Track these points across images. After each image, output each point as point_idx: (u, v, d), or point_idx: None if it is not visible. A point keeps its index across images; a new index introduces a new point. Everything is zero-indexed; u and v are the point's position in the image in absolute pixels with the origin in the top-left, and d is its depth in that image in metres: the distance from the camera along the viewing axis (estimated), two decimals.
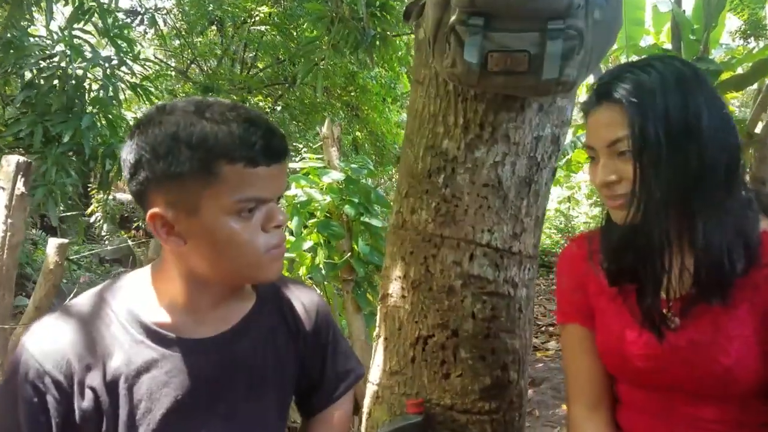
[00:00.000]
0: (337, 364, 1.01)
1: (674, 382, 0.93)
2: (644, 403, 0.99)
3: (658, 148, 0.87)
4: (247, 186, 0.78)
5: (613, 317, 1.00)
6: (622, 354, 0.98)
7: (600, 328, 1.02)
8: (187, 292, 0.84)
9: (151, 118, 0.79)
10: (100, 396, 0.79)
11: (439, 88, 1.37)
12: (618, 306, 0.99)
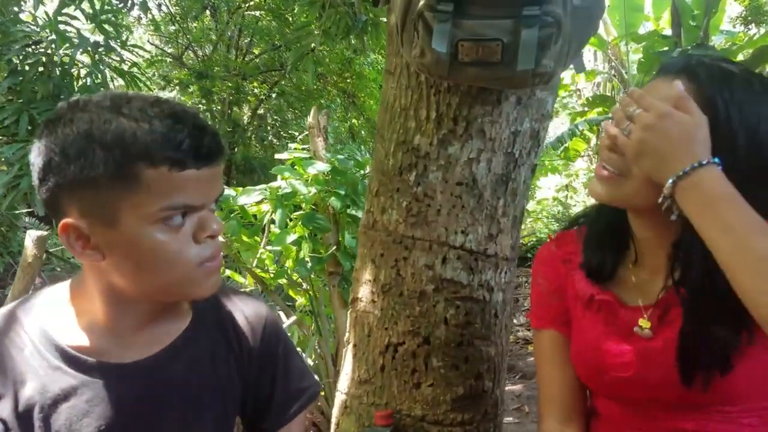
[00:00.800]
0: (289, 383, 0.93)
1: (653, 393, 0.86)
2: (622, 416, 0.93)
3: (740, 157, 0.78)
4: (173, 192, 0.69)
5: (588, 325, 0.93)
6: (598, 365, 0.91)
7: (575, 336, 0.96)
8: (109, 312, 0.76)
9: (62, 115, 0.71)
10: (11, 428, 0.71)
11: (410, 80, 1.29)
12: (593, 314, 0.92)
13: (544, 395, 1.00)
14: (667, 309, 0.87)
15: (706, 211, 0.75)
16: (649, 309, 0.88)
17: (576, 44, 1.13)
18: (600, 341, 0.91)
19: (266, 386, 0.91)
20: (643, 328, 0.88)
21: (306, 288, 3.21)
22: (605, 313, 0.91)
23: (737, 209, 0.74)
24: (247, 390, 0.88)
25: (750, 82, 0.81)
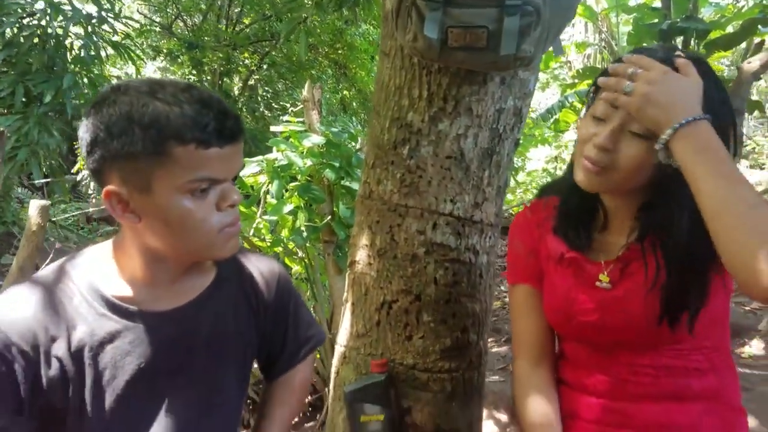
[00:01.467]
0: (299, 331, 1.07)
1: (613, 336, 1.00)
2: (588, 357, 1.07)
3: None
4: (199, 167, 0.81)
5: (559, 279, 1.07)
6: (567, 312, 1.05)
7: (547, 289, 1.09)
8: (146, 267, 0.88)
9: (107, 97, 0.82)
10: (66, 365, 0.84)
11: (404, 61, 1.40)
12: (564, 269, 1.06)
13: (518, 341, 1.14)
14: (628, 263, 1.00)
15: (702, 158, 0.84)
16: (609, 265, 1.02)
17: (554, 30, 1.24)
18: (569, 292, 1.05)
19: (279, 334, 1.04)
20: (603, 282, 1.02)
21: (302, 256, 3.31)
22: (573, 268, 1.05)
23: (729, 161, 0.84)
24: (263, 338, 1.02)
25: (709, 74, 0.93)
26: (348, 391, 1.44)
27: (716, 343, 1.03)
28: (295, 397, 1.10)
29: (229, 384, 0.97)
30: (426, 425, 1.45)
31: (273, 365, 1.07)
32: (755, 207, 0.81)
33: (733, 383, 1.08)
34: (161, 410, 0.89)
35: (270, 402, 1.07)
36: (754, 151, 16.70)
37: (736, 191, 0.82)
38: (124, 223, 0.87)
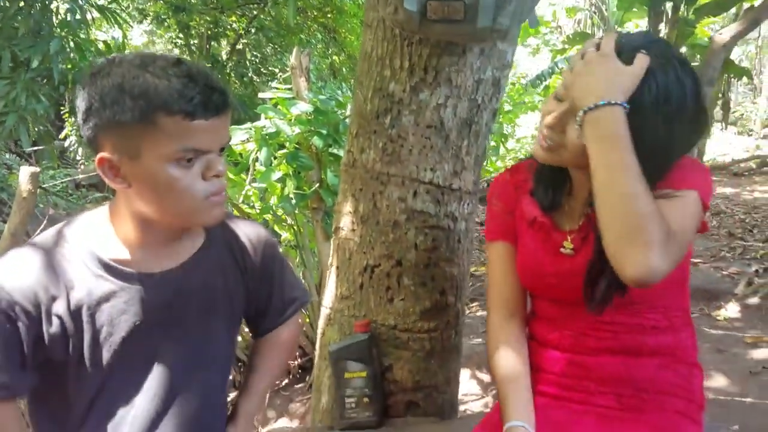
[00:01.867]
0: (284, 291, 1.13)
1: (577, 295, 1.07)
2: (555, 313, 1.15)
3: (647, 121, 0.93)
4: (185, 137, 0.85)
5: (530, 241, 1.13)
6: (536, 272, 1.12)
7: (520, 249, 1.16)
8: (137, 231, 0.93)
9: (102, 68, 0.87)
10: (66, 322, 0.90)
11: (386, 32, 1.43)
12: (535, 232, 1.12)
13: (493, 295, 1.20)
14: (588, 233, 1.06)
15: (599, 145, 0.91)
16: (573, 233, 1.09)
17: (528, 4, 1.29)
18: (538, 254, 1.12)
19: (265, 294, 1.10)
20: (566, 248, 1.08)
21: (290, 223, 3.36)
22: (543, 233, 1.11)
23: (622, 150, 0.90)
24: (250, 297, 1.08)
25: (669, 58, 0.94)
26: (333, 350, 1.52)
27: (674, 303, 1.11)
28: (281, 353, 1.17)
29: (219, 340, 1.04)
30: (406, 381, 1.54)
31: (260, 323, 1.13)
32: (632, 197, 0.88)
33: (690, 341, 1.15)
34: (156, 364, 0.96)
35: (258, 357, 1.14)
36: (742, 117, 16.80)
37: (616, 179, 0.89)
38: (116, 188, 0.91)
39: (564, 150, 1.01)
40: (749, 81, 13.43)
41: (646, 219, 0.88)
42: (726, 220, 6.01)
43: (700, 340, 3.37)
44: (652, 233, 0.88)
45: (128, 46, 8.27)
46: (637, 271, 0.87)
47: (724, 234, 5.39)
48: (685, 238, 0.95)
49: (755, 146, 13.31)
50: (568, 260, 1.08)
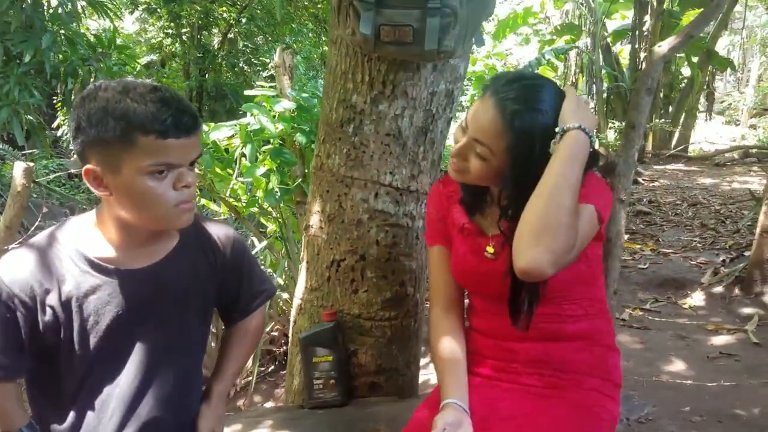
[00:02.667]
0: (252, 285, 1.28)
1: (498, 292, 1.22)
2: (486, 307, 1.31)
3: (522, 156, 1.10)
4: (158, 153, 1.00)
5: (460, 245, 1.29)
6: (467, 273, 1.27)
7: (453, 252, 1.31)
8: (119, 233, 1.08)
9: (90, 93, 1.01)
10: (58, 312, 1.05)
11: (348, 49, 1.58)
12: (464, 237, 1.28)
13: (432, 292, 1.36)
14: (508, 238, 1.21)
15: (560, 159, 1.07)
16: (494, 238, 1.24)
17: (472, 27, 1.43)
18: (467, 257, 1.27)
19: (235, 288, 1.26)
20: (489, 253, 1.24)
21: (276, 216, 3.50)
22: (470, 238, 1.26)
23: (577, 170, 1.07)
24: (221, 290, 1.23)
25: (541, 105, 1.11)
26: (302, 337, 1.68)
27: (588, 294, 1.26)
28: (249, 340, 1.32)
29: (193, 328, 1.19)
30: (369, 365, 1.71)
31: (231, 313, 1.28)
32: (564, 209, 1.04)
33: (606, 327, 1.31)
34: (136, 348, 1.11)
35: (229, 343, 1.30)
36: (729, 107, 16.97)
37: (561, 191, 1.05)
38: (101, 196, 1.06)
39: (468, 173, 1.18)
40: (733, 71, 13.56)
41: (563, 230, 1.04)
42: (701, 211, 6.18)
43: (665, 328, 3.59)
44: (560, 244, 1.04)
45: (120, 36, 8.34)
46: (528, 266, 1.04)
47: (697, 225, 5.56)
48: (578, 247, 1.10)
49: (741, 136, 13.50)
50: (491, 263, 1.23)
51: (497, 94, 1.12)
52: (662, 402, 2.64)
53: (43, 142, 7.32)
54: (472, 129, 1.15)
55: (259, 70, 11.86)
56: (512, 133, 1.10)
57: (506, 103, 1.10)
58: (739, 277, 3.95)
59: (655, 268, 4.45)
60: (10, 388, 1.08)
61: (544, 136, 1.10)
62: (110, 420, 1.10)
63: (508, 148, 1.11)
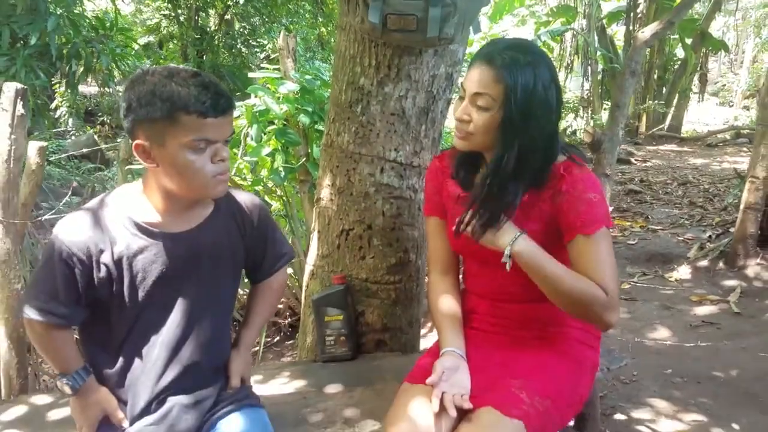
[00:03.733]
0: (275, 248, 1.44)
1: (491, 258, 1.38)
2: (477, 271, 1.47)
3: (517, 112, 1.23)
4: (199, 130, 1.15)
5: (455, 215, 1.44)
6: (462, 239, 1.43)
7: (449, 221, 1.47)
8: (163, 201, 1.23)
9: (138, 77, 1.16)
10: (111, 269, 1.21)
11: (356, 35, 1.72)
12: (459, 206, 1.43)
13: (431, 258, 1.52)
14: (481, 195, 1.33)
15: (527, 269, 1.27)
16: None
17: (470, 16, 1.58)
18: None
19: (261, 249, 1.41)
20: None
21: (280, 194, 3.63)
22: (465, 206, 1.42)
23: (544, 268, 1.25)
24: (248, 252, 1.39)
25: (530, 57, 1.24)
26: (315, 298, 1.84)
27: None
28: (273, 295, 1.47)
29: (225, 285, 1.34)
30: (375, 324, 1.87)
31: (257, 273, 1.44)
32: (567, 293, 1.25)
33: None
34: (177, 302, 1.27)
35: (255, 299, 1.46)
36: (723, 89, 17.10)
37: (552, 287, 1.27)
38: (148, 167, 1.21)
39: (472, 136, 1.31)
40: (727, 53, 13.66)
41: (585, 303, 1.24)
42: (691, 189, 6.37)
43: (651, 299, 3.80)
44: (595, 310, 1.25)
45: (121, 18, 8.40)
46: (603, 328, 1.31)
47: (686, 203, 5.75)
48: (613, 271, 1.28)
49: (734, 117, 13.66)
50: None
51: (485, 54, 1.27)
52: (646, 364, 2.83)
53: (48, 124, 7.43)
54: (470, 87, 1.28)
55: (256, 52, 11.91)
56: (507, 75, 1.23)
57: (495, 57, 1.25)
58: (724, 251, 4.14)
59: (643, 243, 4.64)
60: (68, 334, 1.24)
61: (537, 81, 1.24)
62: (154, 364, 1.26)
63: (507, 90, 1.23)
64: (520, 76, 1.23)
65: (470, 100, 1.29)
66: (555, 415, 1.30)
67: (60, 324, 1.21)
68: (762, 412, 2.36)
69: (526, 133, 1.25)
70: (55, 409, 1.55)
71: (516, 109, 1.24)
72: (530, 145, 1.27)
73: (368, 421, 1.44)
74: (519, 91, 1.23)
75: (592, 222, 1.28)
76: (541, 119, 1.26)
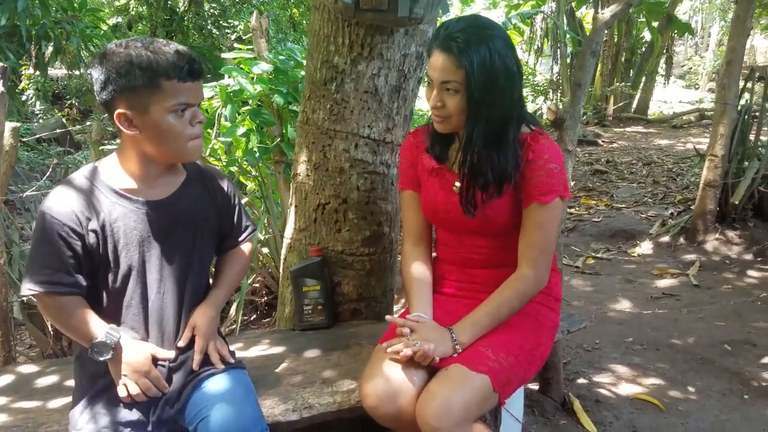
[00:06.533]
0: (242, 221, 1.51)
1: (462, 226, 1.48)
2: (447, 239, 1.57)
3: (479, 90, 1.32)
4: (179, 94, 1.22)
5: (431, 186, 1.53)
6: (435, 209, 1.52)
7: (423, 193, 1.56)
8: (140, 167, 1.30)
9: (113, 50, 1.22)
10: (98, 234, 1.26)
11: (330, 14, 1.78)
12: (433, 178, 1.52)
13: (405, 229, 1.61)
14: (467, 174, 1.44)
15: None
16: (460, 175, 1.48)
17: None
18: (436, 194, 1.52)
19: (230, 219, 1.48)
20: (456, 187, 1.48)
21: (255, 175, 3.66)
22: (439, 177, 1.51)
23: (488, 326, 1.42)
24: (221, 217, 1.46)
25: (482, 34, 1.32)
26: (293, 270, 1.92)
27: None
28: (240, 261, 1.52)
29: (202, 250, 1.41)
30: (351, 294, 1.96)
31: (225, 240, 1.50)
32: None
33: None
34: (157, 268, 1.33)
35: (223, 265, 1.51)
36: (690, 71, 17.47)
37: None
38: (128, 134, 1.26)
39: (450, 118, 1.40)
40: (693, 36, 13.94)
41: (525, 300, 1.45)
42: (655, 169, 6.57)
43: (614, 273, 3.96)
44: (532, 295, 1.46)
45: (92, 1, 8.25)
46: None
47: (649, 182, 5.94)
48: (550, 243, 1.43)
49: (699, 99, 13.99)
50: (457, 195, 1.48)
51: (441, 41, 1.35)
52: (608, 333, 2.98)
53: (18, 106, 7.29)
54: (436, 77, 1.37)
55: (227, 33, 11.79)
56: (464, 60, 1.31)
57: (449, 44, 1.33)
58: (685, 227, 4.31)
59: (607, 221, 4.81)
60: (82, 302, 1.29)
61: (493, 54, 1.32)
62: (138, 329, 1.33)
63: (467, 73, 1.32)
64: (475, 56, 1.31)
65: (439, 88, 1.37)
66: (518, 370, 1.41)
67: (71, 292, 1.26)
68: (716, 377, 2.52)
69: (493, 104, 1.35)
70: (43, 377, 1.61)
71: (478, 88, 1.33)
72: (498, 114, 1.36)
73: (345, 380, 1.52)
74: (477, 71, 1.32)
75: (549, 191, 1.38)
76: (506, 88, 1.35)
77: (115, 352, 1.27)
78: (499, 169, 1.39)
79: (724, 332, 2.96)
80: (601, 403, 2.30)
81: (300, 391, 1.48)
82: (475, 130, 1.37)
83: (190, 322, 1.38)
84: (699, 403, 2.31)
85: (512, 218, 1.45)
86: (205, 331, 1.38)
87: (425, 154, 1.54)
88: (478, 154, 1.39)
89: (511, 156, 1.40)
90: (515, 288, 1.43)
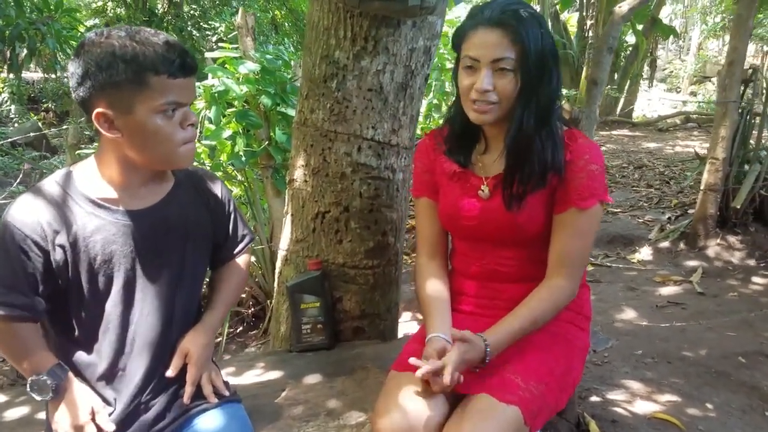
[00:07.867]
0: (238, 229, 1.35)
1: (486, 235, 1.33)
2: (469, 249, 1.41)
3: (535, 67, 1.20)
4: (169, 92, 1.05)
5: (450, 191, 1.38)
6: (455, 216, 1.37)
7: (441, 199, 1.40)
8: (122, 173, 1.12)
9: (92, 40, 1.04)
10: (68, 251, 1.08)
11: (330, 5, 1.62)
12: (454, 183, 1.37)
13: (419, 240, 1.45)
14: (500, 181, 1.31)
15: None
16: (488, 180, 1.33)
17: None
18: (457, 200, 1.36)
19: (225, 228, 1.31)
20: (484, 191, 1.33)
21: (241, 180, 3.50)
22: (462, 181, 1.35)
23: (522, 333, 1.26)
24: (215, 226, 1.29)
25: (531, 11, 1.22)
26: (290, 284, 1.75)
27: None
28: (237, 277, 1.37)
29: (195, 263, 1.24)
30: (353, 311, 1.79)
31: (220, 252, 1.33)
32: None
33: None
34: (141, 286, 1.15)
35: (218, 281, 1.35)
36: (671, 75, 17.59)
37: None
38: (108, 137, 1.08)
39: (500, 104, 1.24)
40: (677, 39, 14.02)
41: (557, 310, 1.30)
42: (647, 173, 6.49)
43: (615, 281, 3.81)
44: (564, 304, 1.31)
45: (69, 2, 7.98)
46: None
47: (643, 186, 5.85)
48: (587, 250, 1.31)
49: (682, 103, 14.05)
50: (484, 201, 1.33)
51: (489, 17, 1.22)
52: (616, 346, 2.84)
53: None
54: (487, 55, 1.22)
55: (208, 35, 11.56)
56: (523, 34, 1.20)
57: (503, 18, 1.21)
58: (684, 232, 4.21)
59: (604, 226, 4.69)
60: (34, 328, 1.11)
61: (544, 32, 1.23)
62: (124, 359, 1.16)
63: (525, 49, 1.20)
64: (531, 31, 1.20)
65: (490, 68, 1.22)
66: (550, 399, 1.26)
67: (23, 316, 1.08)
68: (733, 392, 2.39)
69: (544, 86, 1.24)
70: (11, 408, 1.42)
71: (534, 65, 1.21)
72: (546, 99, 1.25)
73: (353, 412, 1.36)
74: (533, 47, 1.20)
75: (589, 195, 1.24)
76: (553, 70, 1.25)
77: (55, 395, 1.09)
78: (545, 158, 1.26)
79: (736, 343, 2.84)
80: (618, 423, 2.15)
81: (302, 425, 1.31)
82: (525, 113, 1.24)
83: (181, 349, 1.21)
84: (719, 420, 2.18)
85: (545, 226, 1.31)
86: (198, 359, 1.21)
87: (444, 158, 1.38)
88: (527, 139, 1.25)
89: (560, 144, 1.27)
90: (551, 300, 1.28)
